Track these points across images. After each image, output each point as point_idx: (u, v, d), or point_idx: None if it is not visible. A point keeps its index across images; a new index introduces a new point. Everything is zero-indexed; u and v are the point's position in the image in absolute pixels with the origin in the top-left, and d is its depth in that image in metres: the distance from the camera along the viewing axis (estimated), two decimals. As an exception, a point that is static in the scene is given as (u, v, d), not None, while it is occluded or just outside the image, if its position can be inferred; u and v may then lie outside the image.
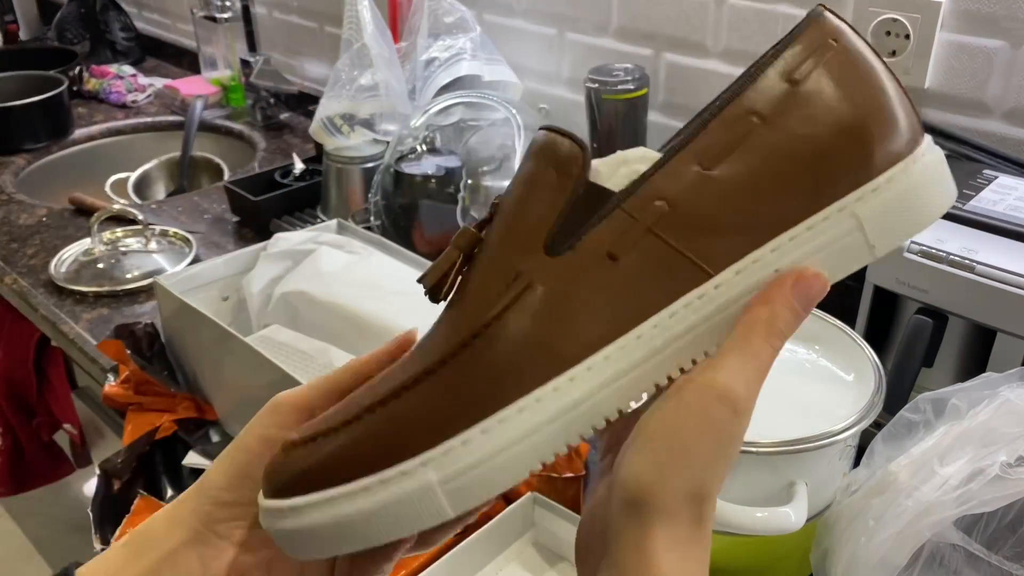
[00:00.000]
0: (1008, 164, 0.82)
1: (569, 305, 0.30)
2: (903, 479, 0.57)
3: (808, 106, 0.31)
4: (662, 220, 0.30)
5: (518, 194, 0.33)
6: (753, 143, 0.31)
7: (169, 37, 2.01)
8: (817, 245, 0.31)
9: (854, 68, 0.32)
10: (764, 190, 0.31)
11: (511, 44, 1.26)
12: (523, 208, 0.32)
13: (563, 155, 0.32)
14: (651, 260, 0.30)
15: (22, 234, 1.26)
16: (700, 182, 0.31)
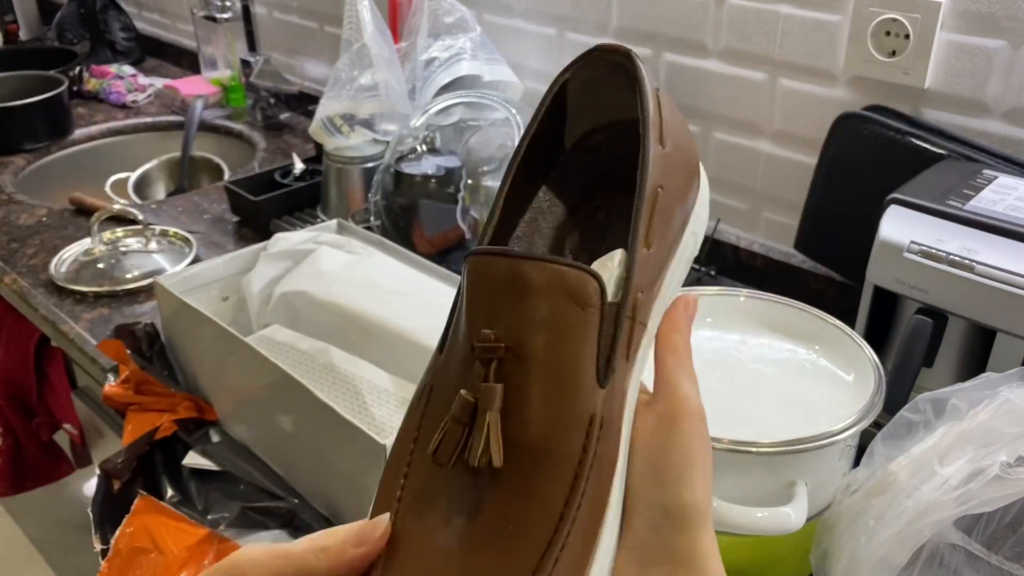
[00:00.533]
0: (1008, 164, 0.82)
1: (623, 418, 0.32)
2: (903, 479, 0.57)
3: (675, 160, 0.36)
4: (641, 309, 0.33)
5: (540, 336, 0.30)
6: (660, 209, 0.34)
7: (169, 37, 2.01)
8: (676, 272, 0.37)
9: (674, 110, 0.36)
10: (661, 250, 0.35)
11: (511, 44, 1.26)
12: (559, 350, 0.30)
13: (579, 288, 0.31)
14: (644, 346, 0.34)
15: (22, 234, 1.26)
16: (647, 261, 0.34)
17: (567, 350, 0.30)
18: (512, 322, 0.31)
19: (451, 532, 0.30)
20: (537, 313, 0.31)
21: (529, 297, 0.31)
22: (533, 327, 0.30)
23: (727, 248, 1.11)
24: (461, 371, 0.31)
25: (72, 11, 2.02)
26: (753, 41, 1.01)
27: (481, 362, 0.30)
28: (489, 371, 0.30)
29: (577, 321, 0.31)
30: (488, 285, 0.31)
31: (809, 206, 0.97)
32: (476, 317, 0.31)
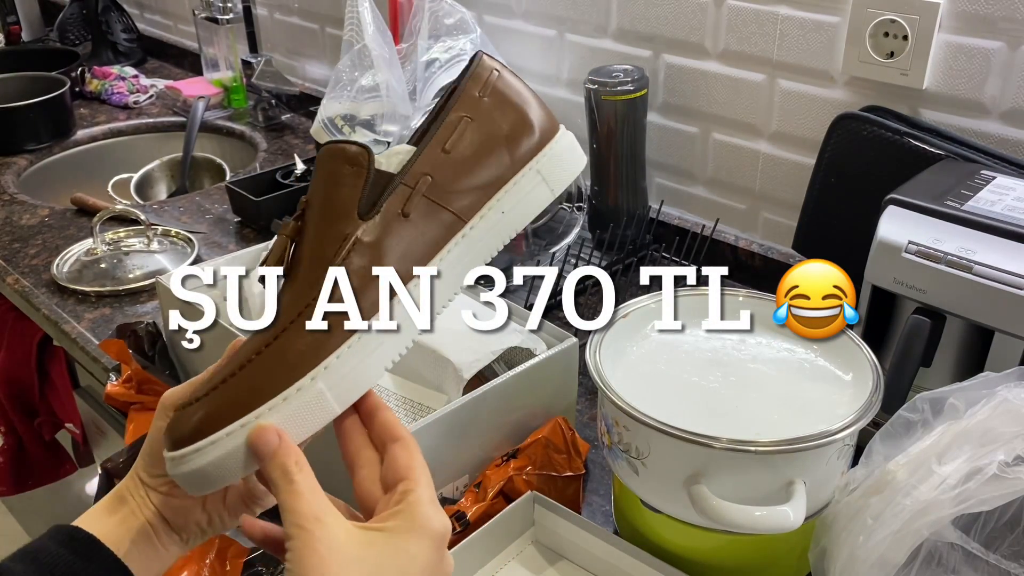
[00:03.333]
0: (1006, 164, 0.83)
1: (385, 246, 0.44)
2: (901, 478, 0.57)
3: (496, 109, 0.48)
4: (429, 188, 0.46)
5: (325, 189, 0.45)
6: (468, 133, 0.47)
7: (171, 38, 2.02)
8: (519, 192, 0.48)
9: (513, 85, 0.50)
10: (482, 162, 0.47)
11: (511, 45, 1.26)
12: (333, 195, 0.45)
13: (352, 154, 0.45)
14: (429, 215, 0.45)
15: (24, 234, 1.27)
16: (445, 160, 0.46)
17: (337, 194, 0.45)
18: (314, 184, 0.46)
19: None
20: (323, 173, 0.46)
21: (323, 166, 0.46)
22: (319, 183, 0.46)
23: (726, 248, 1.11)
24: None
25: (74, 12, 2.02)
26: (752, 42, 1.02)
27: (295, 213, 0.46)
28: (292, 217, 0.46)
29: (347, 175, 0.45)
30: (315, 166, 0.47)
31: (807, 206, 0.97)
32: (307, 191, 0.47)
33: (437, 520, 0.41)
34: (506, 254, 1.08)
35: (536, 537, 0.73)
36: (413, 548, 0.40)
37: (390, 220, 0.45)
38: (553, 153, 0.50)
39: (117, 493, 0.48)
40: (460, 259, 0.46)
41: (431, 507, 0.42)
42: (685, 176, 1.16)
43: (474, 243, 0.47)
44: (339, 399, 0.43)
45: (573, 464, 0.75)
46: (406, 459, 0.43)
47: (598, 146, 1.10)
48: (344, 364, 0.42)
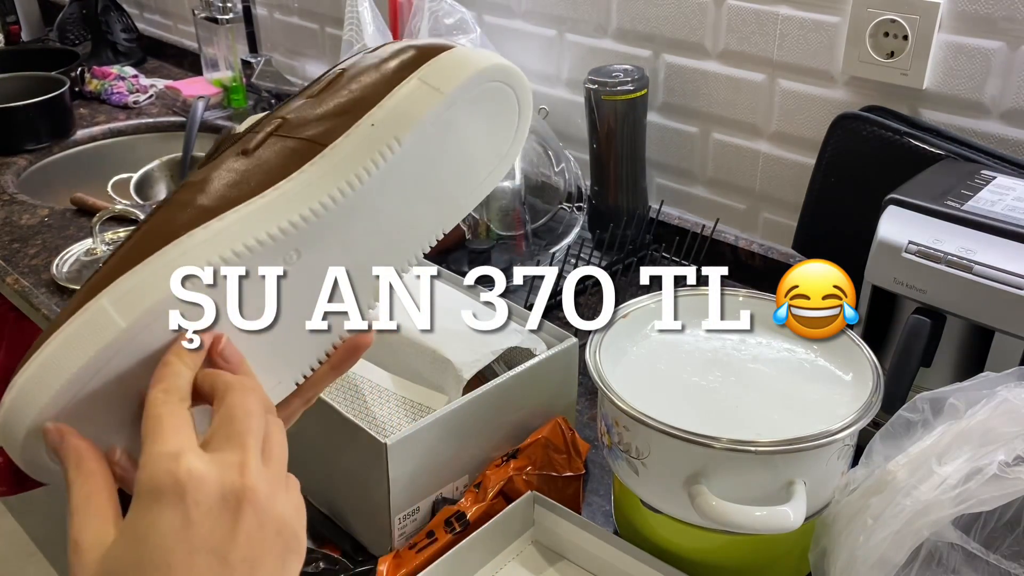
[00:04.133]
0: (1006, 164, 0.83)
1: (212, 183, 0.42)
2: (901, 478, 0.57)
3: (373, 57, 0.46)
4: (280, 128, 0.43)
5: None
6: (333, 79, 0.45)
7: (170, 38, 2.02)
8: (395, 100, 0.43)
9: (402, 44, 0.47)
10: (349, 90, 0.44)
11: (511, 45, 1.26)
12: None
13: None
14: (276, 148, 0.43)
15: (24, 234, 1.26)
16: (307, 104, 0.44)
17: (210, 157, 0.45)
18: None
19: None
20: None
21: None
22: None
23: (726, 248, 1.11)
24: None
25: (74, 12, 2.02)
26: (752, 42, 1.01)
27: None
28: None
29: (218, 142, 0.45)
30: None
31: (807, 206, 0.97)
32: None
33: (162, 471, 0.34)
34: (506, 254, 1.08)
35: (536, 537, 0.73)
36: (143, 531, 0.34)
37: (224, 160, 0.43)
38: (443, 61, 0.45)
39: None
40: (322, 176, 0.42)
41: (158, 462, 0.34)
42: (685, 176, 1.16)
43: (338, 159, 0.42)
44: (123, 313, 0.38)
45: (573, 464, 0.75)
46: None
47: (598, 146, 1.10)
48: (131, 277, 0.39)
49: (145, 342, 0.39)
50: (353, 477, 0.70)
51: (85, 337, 0.37)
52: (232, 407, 0.37)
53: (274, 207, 0.41)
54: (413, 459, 0.67)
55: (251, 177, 0.42)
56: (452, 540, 0.68)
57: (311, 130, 0.43)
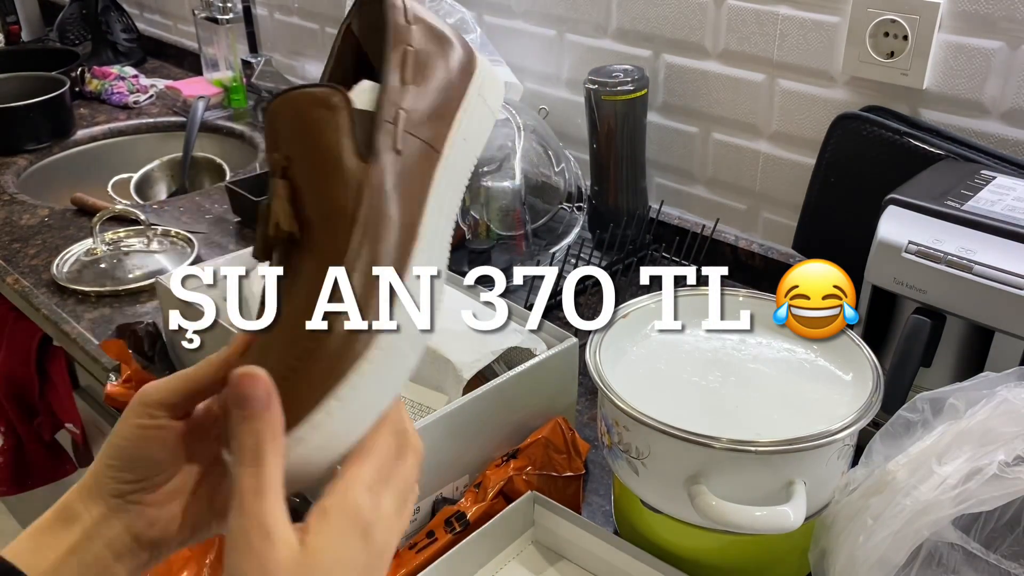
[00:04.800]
0: (1006, 164, 0.83)
1: (394, 187, 0.41)
2: (901, 478, 0.57)
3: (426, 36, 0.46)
4: (406, 122, 0.43)
5: (305, 139, 0.41)
6: (416, 64, 0.45)
7: (171, 38, 2.02)
8: (471, 116, 0.46)
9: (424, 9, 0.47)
10: (438, 90, 0.45)
11: (511, 45, 1.26)
12: (320, 143, 0.41)
13: (323, 96, 0.41)
14: (414, 149, 0.43)
15: (24, 234, 1.26)
16: (408, 92, 0.44)
17: (324, 142, 0.41)
18: (285, 138, 0.41)
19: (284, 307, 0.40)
20: (300, 124, 0.41)
21: (291, 116, 0.41)
22: (298, 135, 0.41)
23: (726, 248, 1.11)
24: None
25: (74, 12, 2.02)
26: (752, 42, 1.01)
27: (272, 174, 0.41)
28: (276, 178, 0.40)
29: (325, 119, 0.41)
30: (269, 121, 0.42)
31: (807, 206, 0.97)
32: (267, 148, 0.42)
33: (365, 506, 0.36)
34: (506, 254, 1.08)
35: (536, 537, 0.73)
36: (332, 554, 0.35)
37: (389, 159, 0.42)
38: (485, 73, 0.48)
39: (63, 513, 0.40)
40: (448, 189, 0.44)
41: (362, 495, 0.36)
42: (685, 176, 1.16)
43: (451, 172, 0.44)
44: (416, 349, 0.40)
45: (573, 464, 0.75)
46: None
47: (598, 146, 1.10)
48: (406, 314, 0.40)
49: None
50: (353, 477, 0.70)
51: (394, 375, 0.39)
52: (414, 468, 0.40)
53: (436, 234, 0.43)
54: (413, 459, 0.67)
55: (415, 185, 0.42)
56: (452, 540, 0.68)
57: (426, 131, 0.44)
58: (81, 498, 0.40)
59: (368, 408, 0.38)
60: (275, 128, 0.42)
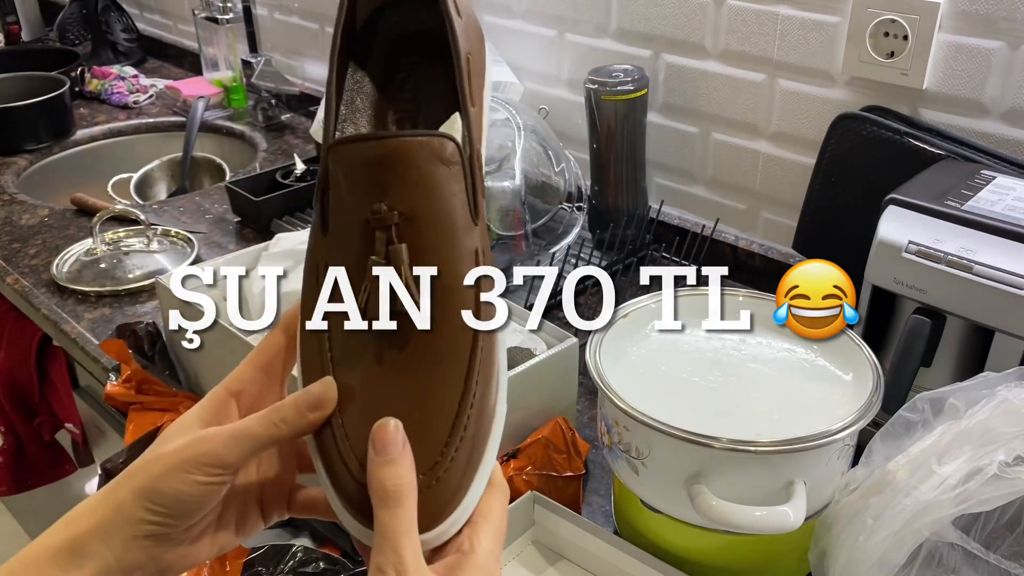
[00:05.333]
0: (1006, 164, 0.83)
1: (488, 247, 0.39)
2: (901, 478, 0.57)
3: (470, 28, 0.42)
4: (478, 159, 0.40)
5: (430, 199, 0.37)
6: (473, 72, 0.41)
7: (170, 38, 2.02)
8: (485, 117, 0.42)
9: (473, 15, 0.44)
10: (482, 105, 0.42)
11: (511, 45, 1.26)
12: (448, 204, 0.38)
13: (449, 153, 0.38)
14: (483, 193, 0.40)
15: (24, 234, 1.26)
16: (477, 118, 0.41)
17: (444, 203, 0.37)
18: (398, 191, 0.37)
19: (384, 372, 0.37)
20: (416, 179, 0.37)
21: (406, 168, 0.37)
22: (415, 191, 0.37)
23: (726, 248, 1.11)
24: (358, 244, 0.37)
25: (74, 12, 2.02)
26: (752, 42, 1.01)
27: (381, 231, 0.37)
28: (391, 235, 0.36)
29: (447, 177, 0.38)
30: (367, 166, 0.37)
31: (807, 206, 0.97)
32: (363, 195, 0.37)
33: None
34: (506, 254, 1.08)
35: (536, 537, 0.73)
36: None
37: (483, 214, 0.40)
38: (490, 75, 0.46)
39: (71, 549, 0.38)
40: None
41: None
42: (685, 176, 1.16)
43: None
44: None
45: (573, 464, 0.75)
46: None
47: (598, 146, 1.10)
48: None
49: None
50: (353, 477, 0.70)
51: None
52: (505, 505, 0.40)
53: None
54: (413, 459, 0.67)
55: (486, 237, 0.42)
56: (452, 540, 0.68)
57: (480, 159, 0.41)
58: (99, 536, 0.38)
59: (487, 471, 0.39)
60: (382, 176, 0.37)
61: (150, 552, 0.38)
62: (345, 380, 0.37)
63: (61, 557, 0.37)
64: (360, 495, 0.36)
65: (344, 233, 0.38)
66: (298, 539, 0.74)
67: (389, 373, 0.37)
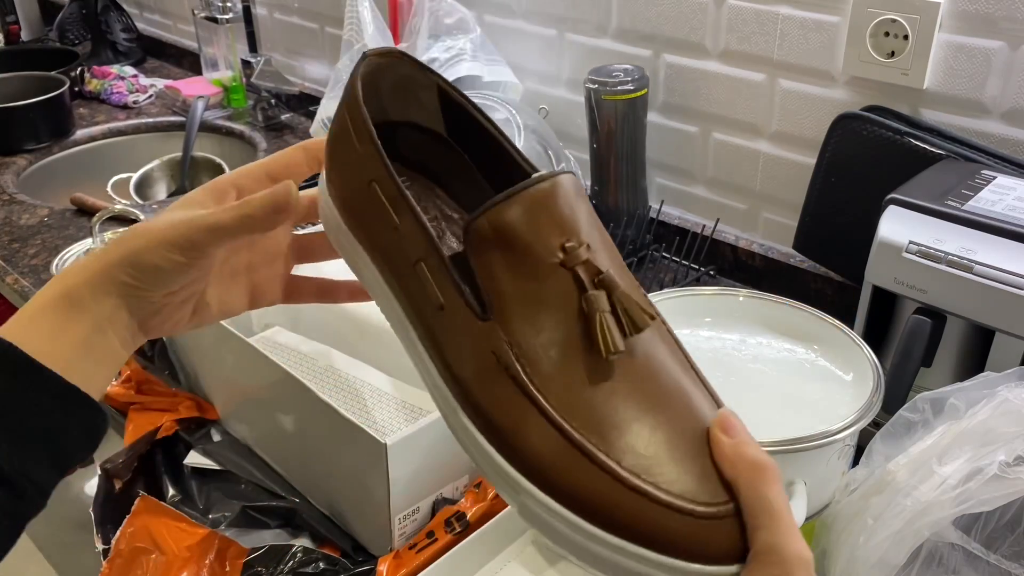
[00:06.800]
0: (1006, 164, 0.83)
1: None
2: (902, 478, 0.57)
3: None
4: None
5: (594, 225, 0.37)
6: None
7: (170, 38, 2.02)
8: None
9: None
10: None
11: (511, 45, 1.26)
12: (602, 231, 0.38)
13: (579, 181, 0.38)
14: None
15: (24, 234, 1.26)
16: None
17: (603, 230, 0.39)
18: (572, 226, 0.37)
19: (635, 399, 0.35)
20: (586, 209, 0.38)
21: (577, 201, 0.38)
22: (589, 221, 0.38)
23: (726, 248, 1.11)
24: (552, 292, 0.36)
25: (73, 12, 2.02)
26: (752, 42, 1.01)
27: (580, 266, 0.36)
28: (587, 277, 0.36)
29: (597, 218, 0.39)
30: (543, 208, 0.37)
31: (808, 206, 0.97)
32: (548, 238, 0.36)
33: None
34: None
35: (536, 538, 0.73)
36: None
37: None
38: None
39: (69, 300, 0.41)
40: None
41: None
42: (685, 176, 1.16)
43: None
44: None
45: (573, 464, 0.75)
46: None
47: (598, 146, 1.10)
48: None
49: None
50: (353, 477, 0.70)
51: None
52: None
53: None
54: (413, 459, 0.67)
55: None
56: (452, 540, 0.68)
57: None
58: (90, 290, 0.41)
59: None
60: (562, 212, 0.37)
61: (133, 312, 0.42)
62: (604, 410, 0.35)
63: (61, 307, 0.41)
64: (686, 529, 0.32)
65: (529, 298, 0.36)
66: (298, 539, 0.74)
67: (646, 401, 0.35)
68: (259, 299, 0.50)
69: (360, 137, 0.41)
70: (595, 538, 0.33)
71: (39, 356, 0.39)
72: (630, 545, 0.32)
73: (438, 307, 0.38)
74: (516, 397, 0.35)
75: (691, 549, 0.32)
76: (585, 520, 0.33)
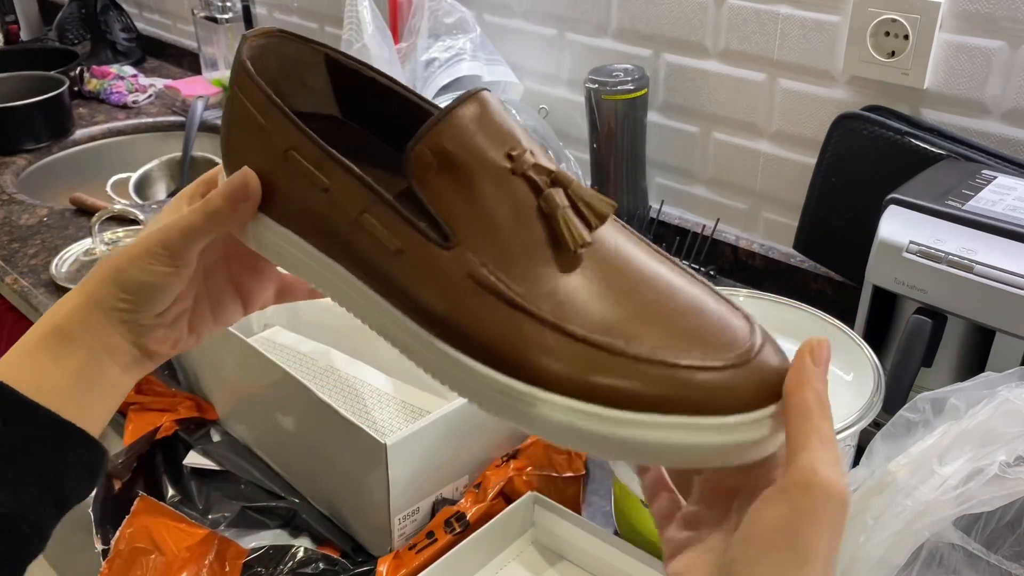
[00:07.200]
0: (1007, 164, 0.83)
1: None
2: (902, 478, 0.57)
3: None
4: None
5: (547, 152, 0.38)
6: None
7: (170, 38, 2.02)
8: None
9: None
10: None
11: (511, 45, 1.26)
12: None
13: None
14: None
15: (23, 234, 1.26)
16: None
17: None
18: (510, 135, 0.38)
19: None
20: (512, 121, 0.39)
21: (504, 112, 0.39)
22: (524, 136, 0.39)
23: (726, 248, 1.11)
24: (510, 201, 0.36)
25: (73, 11, 2.02)
26: (752, 42, 1.01)
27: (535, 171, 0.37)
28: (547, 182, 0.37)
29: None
30: (482, 123, 0.37)
31: (808, 206, 0.97)
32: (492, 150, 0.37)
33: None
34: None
35: (536, 538, 0.73)
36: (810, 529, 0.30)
37: None
38: None
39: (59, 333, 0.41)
40: None
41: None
42: (685, 176, 1.16)
43: None
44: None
45: (573, 464, 0.75)
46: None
47: (598, 146, 1.10)
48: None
49: None
50: (353, 477, 0.70)
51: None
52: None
53: None
54: (413, 459, 0.67)
55: None
56: (452, 540, 0.68)
57: None
58: (79, 320, 0.41)
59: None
60: (498, 123, 0.37)
61: (127, 337, 0.42)
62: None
63: (51, 341, 0.40)
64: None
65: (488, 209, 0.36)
66: (298, 540, 0.74)
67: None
68: (252, 304, 0.50)
69: (263, 112, 0.39)
70: (632, 423, 0.32)
71: (32, 394, 0.38)
72: (673, 418, 0.32)
73: (396, 252, 0.36)
74: (509, 312, 0.34)
75: (724, 402, 0.32)
76: (617, 409, 0.32)
